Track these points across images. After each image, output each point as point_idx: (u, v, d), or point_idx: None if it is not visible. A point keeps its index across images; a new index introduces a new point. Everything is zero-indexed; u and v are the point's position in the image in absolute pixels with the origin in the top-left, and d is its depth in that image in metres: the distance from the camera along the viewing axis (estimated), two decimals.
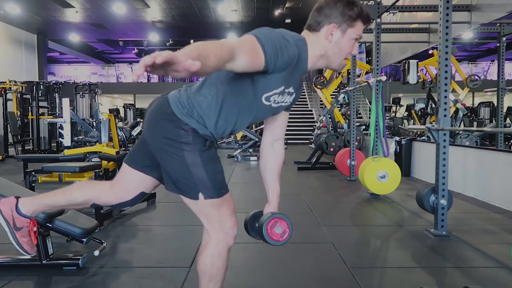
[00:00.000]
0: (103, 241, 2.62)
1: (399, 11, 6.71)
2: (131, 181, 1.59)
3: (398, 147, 5.99)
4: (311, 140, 9.94)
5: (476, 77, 7.49)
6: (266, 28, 1.23)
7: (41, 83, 10.26)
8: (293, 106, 1.53)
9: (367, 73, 8.25)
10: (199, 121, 1.36)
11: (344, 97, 7.08)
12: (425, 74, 8.21)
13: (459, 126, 7.03)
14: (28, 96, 10.47)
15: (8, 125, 9.14)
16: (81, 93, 10.67)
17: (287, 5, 13.72)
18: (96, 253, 2.40)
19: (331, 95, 8.09)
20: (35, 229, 2.18)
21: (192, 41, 19.00)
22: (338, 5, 1.33)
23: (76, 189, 1.67)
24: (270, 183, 1.62)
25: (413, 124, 9.43)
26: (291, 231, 1.51)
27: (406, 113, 10.42)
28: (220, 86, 1.34)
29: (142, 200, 3.85)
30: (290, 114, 1.68)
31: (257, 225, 1.59)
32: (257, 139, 8.49)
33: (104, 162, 4.76)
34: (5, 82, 9.98)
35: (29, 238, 1.79)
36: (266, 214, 1.55)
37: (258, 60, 1.17)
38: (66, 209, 2.46)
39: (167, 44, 19.50)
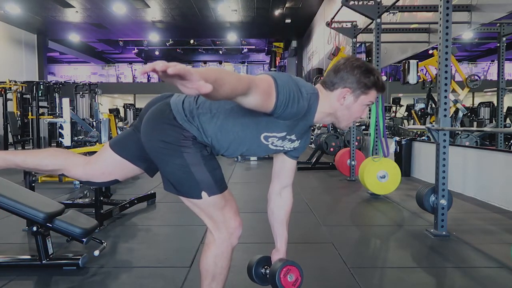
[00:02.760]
0: (103, 241, 2.62)
1: (399, 11, 6.70)
2: (109, 166, 1.57)
3: (398, 147, 5.99)
4: (311, 140, 9.94)
5: (476, 77, 7.49)
6: (285, 74, 1.24)
7: (41, 83, 10.28)
8: None
9: None
10: (199, 129, 1.36)
11: None
12: (425, 74, 8.21)
13: (459, 126, 7.03)
14: (28, 96, 10.48)
15: (8, 125, 9.15)
16: (81, 93, 10.67)
17: (287, 5, 13.72)
18: (96, 253, 2.40)
19: None
20: (34, 228, 2.19)
21: (192, 41, 19.03)
22: (356, 72, 1.33)
23: (48, 154, 1.62)
24: (278, 230, 1.63)
25: (413, 124, 9.43)
26: (303, 279, 1.54)
27: (406, 113, 10.41)
28: (224, 109, 1.35)
29: (138, 201, 3.81)
30: None
31: (263, 271, 1.61)
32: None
33: None
34: (5, 82, 9.99)
35: None
36: (278, 261, 1.55)
37: (269, 104, 1.18)
38: (64, 209, 2.46)
39: (167, 44, 19.50)
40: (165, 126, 1.36)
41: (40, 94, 9.82)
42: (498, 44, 5.92)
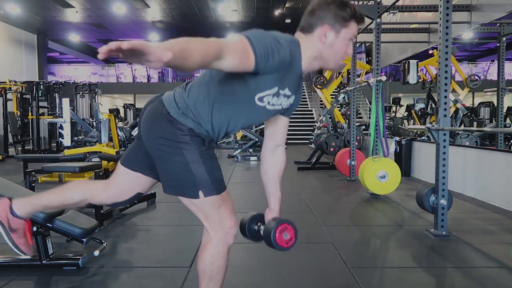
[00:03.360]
0: (103, 241, 2.62)
1: (399, 11, 6.71)
2: (126, 182, 1.59)
3: (398, 147, 5.98)
4: (311, 140, 9.94)
5: (476, 77, 7.50)
6: (258, 30, 1.23)
7: (41, 83, 10.26)
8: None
9: (367, 73, 8.25)
10: (194, 120, 1.36)
11: (344, 97, 7.08)
12: (425, 74, 8.21)
13: (459, 126, 7.03)
14: (28, 96, 10.47)
15: (8, 125, 9.14)
16: (81, 93, 10.67)
17: (287, 5, 13.71)
18: (96, 253, 2.40)
19: (331, 95, 8.09)
20: (34, 228, 2.19)
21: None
22: (331, 7, 1.33)
23: (70, 188, 1.66)
24: (271, 189, 1.61)
25: (413, 124, 9.43)
26: (296, 240, 1.53)
27: (406, 113, 10.42)
28: (212, 86, 1.35)
29: (138, 201, 3.81)
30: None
31: (256, 227, 1.59)
32: (257, 139, 8.49)
33: (104, 162, 4.76)
34: (5, 82, 9.98)
35: (25, 239, 1.77)
36: (273, 219, 1.54)
37: (248, 62, 1.17)
38: (66, 209, 2.47)
39: None
40: (162, 124, 1.36)
41: (40, 94, 9.80)
42: (498, 44, 5.93)
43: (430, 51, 8.97)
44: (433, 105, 8.13)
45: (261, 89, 1.31)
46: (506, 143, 6.58)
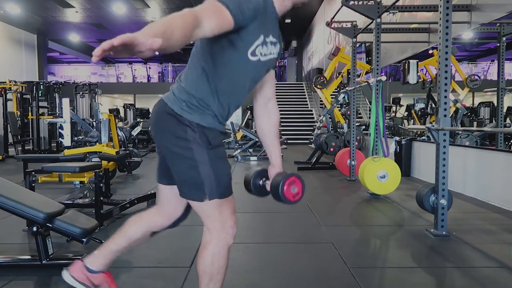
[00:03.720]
0: (103, 241, 2.61)
1: (399, 11, 6.71)
2: (170, 197, 1.57)
3: (398, 147, 5.99)
4: (311, 140, 9.94)
5: (476, 77, 7.49)
6: None
7: (41, 83, 10.26)
8: (293, 106, 1.53)
9: (367, 73, 8.24)
10: (200, 108, 1.35)
11: (344, 97, 7.08)
12: (425, 74, 8.21)
13: (460, 126, 7.03)
14: (28, 96, 10.47)
15: (8, 125, 9.14)
16: (81, 93, 10.67)
17: None
18: None
19: (331, 95, 8.09)
20: (34, 228, 2.19)
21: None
22: None
23: (131, 227, 1.65)
24: (270, 145, 1.61)
25: (413, 124, 9.43)
26: (303, 194, 1.53)
27: (406, 113, 10.42)
28: (204, 64, 1.35)
29: (138, 201, 3.80)
30: (290, 114, 1.68)
31: (261, 182, 1.58)
32: (257, 139, 8.49)
33: (104, 162, 4.77)
34: (5, 82, 9.99)
35: None
36: (281, 173, 1.54)
37: (225, 20, 1.17)
38: (66, 209, 2.47)
39: None
40: (169, 123, 1.37)
41: (40, 94, 9.80)
42: (498, 44, 5.92)
43: (430, 51, 8.96)
44: (433, 105, 8.12)
45: (250, 43, 1.31)
46: (506, 143, 6.58)
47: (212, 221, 1.39)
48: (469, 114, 9.28)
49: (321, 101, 9.06)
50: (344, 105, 7.92)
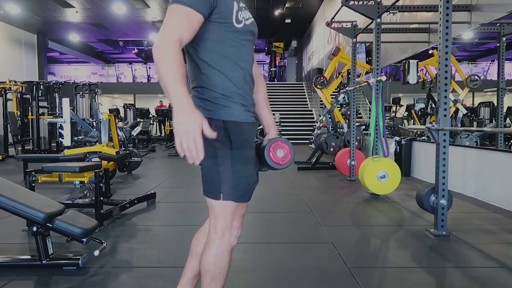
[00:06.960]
0: (103, 241, 2.62)
1: (399, 11, 6.70)
2: None
3: (398, 147, 5.99)
4: (311, 140, 9.94)
5: (476, 77, 7.49)
6: None
7: (41, 83, 10.27)
8: (293, 106, 1.53)
9: (367, 73, 8.24)
10: (220, 96, 1.35)
11: (344, 97, 7.08)
12: (425, 74, 8.21)
13: (459, 126, 7.03)
14: (28, 96, 10.47)
15: (8, 125, 9.14)
16: (81, 93, 10.67)
17: (287, 5, 13.72)
18: (96, 253, 2.40)
19: (331, 95, 8.09)
20: (34, 228, 2.19)
21: None
22: None
23: (195, 245, 1.61)
24: (262, 114, 1.61)
25: (413, 124, 9.43)
26: (293, 157, 1.51)
27: (406, 113, 10.42)
28: (202, 53, 1.35)
29: (138, 201, 3.79)
30: (290, 114, 1.68)
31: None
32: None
33: (104, 162, 4.77)
34: (5, 82, 9.99)
35: None
36: (271, 139, 1.54)
37: (196, 21, 1.25)
38: (66, 209, 2.47)
39: None
40: None
41: (40, 94, 9.80)
42: (498, 44, 5.93)
43: (430, 51, 8.96)
44: (433, 105, 8.12)
45: (230, 12, 1.34)
46: (506, 143, 6.57)
47: (220, 221, 1.38)
48: (469, 114, 9.28)
49: (321, 101, 9.06)
50: (344, 105, 7.92)
